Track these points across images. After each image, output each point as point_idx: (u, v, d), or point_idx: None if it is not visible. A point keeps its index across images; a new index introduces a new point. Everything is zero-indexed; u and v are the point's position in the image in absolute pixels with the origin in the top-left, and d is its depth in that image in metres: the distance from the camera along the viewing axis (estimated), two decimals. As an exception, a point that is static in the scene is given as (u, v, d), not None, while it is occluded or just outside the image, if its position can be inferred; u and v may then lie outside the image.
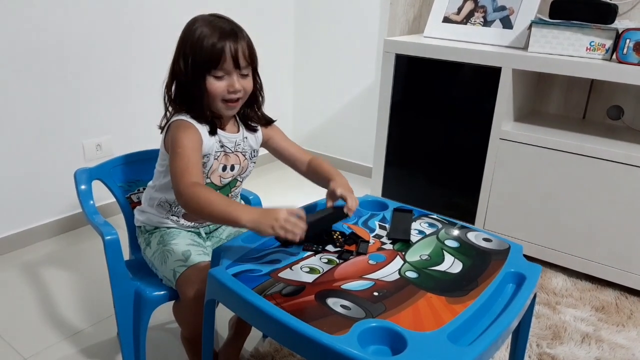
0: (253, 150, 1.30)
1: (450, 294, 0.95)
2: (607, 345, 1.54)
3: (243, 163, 1.28)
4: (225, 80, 1.15)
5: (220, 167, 1.23)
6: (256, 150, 1.31)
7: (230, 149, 1.24)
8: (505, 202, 1.94)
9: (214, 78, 1.14)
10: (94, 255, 1.92)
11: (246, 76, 1.18)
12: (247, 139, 1.28)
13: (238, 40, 1.14)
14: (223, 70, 1.14)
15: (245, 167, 1.29)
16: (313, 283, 0.96)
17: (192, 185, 1.06)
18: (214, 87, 1.15)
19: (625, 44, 1.65)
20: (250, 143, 1.29)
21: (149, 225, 1.30)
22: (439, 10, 2.16)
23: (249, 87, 1.20)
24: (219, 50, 1.12)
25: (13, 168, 1.91)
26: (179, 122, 1.17)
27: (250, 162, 1.31)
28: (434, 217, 1.26)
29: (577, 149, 1.76)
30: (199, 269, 1.16)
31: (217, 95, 1.16)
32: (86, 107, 2.07)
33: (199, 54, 1.13)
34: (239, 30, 1.16)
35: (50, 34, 1.90)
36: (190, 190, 1.05)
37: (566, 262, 1.88)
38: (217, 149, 1.21)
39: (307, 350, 0.84)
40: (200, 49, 1.12)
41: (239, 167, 1.27)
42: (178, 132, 1.15)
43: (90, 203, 1.31)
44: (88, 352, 1.46)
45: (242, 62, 1.15)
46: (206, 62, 1.13)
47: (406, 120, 2.13)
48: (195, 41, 1.13)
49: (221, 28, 1.13)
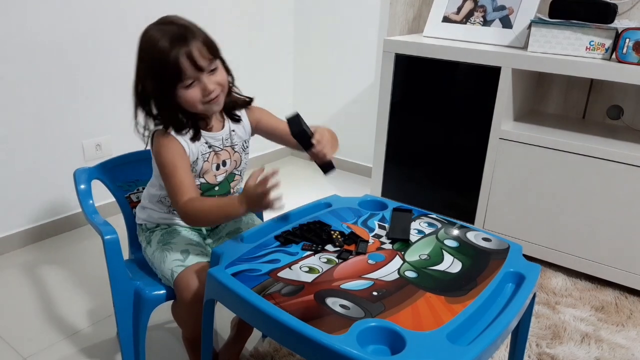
0: (244, 142, 1.30)
1: (450, 293, 0.95)
2: (607, 345, 1.54)
3: (234, 157, 1.28)
4: (196, 86, 1.12)
5: (213, 166, 1.24)
6: (247, 140, 1.31)
7: (218, 147, 1.24)
8: (504, 202, 1.94)
9: (184, 89, 1.12)
10: (94, 254, 1.92)
11: (215, 70, 1.15)
12: (235, 132, 1.27)
13: (192, 43, 1.10)
14: (189, 79, 1.11)
15: (238, 161, 1.29)
16: (312, 283, 0.96)
17: (185, 204, 1.12)
18: (189, 96, 1.13)
19: (624, 44, 1.65)
20: (240, 134, 1.28)
21: (150, 222, 1.31)
22: (438, 9, 2.16)
23: (222, 79, 1.17)
24: (177, 62, 1.08)
25: (13, 167, 1.91)
26: (159, 137, 1.17)
27: (243, 155, 1.30)
28: (434, 217, 1.26)
29: (576, 148, 1.75)
30: (197, 269, 1.16)
31: (195, 103, 1.14)
32: (86, 107, 2.07)
33: (159, 70, 1.10)
34: (189, 31, 1.11)
35: (50, 34, 1.89)
36: (185, 210, 1.12)
37: (566, 262, 1.88)
38: (204, 151, 1.21)
39: (306, 350, 0.84)
40: (160, 64, 1.09)
41: (231, 161, 1.27)
42: (160, 150, 1.16)
43: (89, 203, 1.31)
44: (87, 351, 1.46)
45: (203, 63, 1.11)
46: (170, 77, 1.10)
47: (406, 120, 2.13)
48: (152, 58, 1.11)
49: (172, 35, 1.09)
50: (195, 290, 1.14)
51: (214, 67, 1.15)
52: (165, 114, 1.16)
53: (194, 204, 1.12)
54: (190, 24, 1.14)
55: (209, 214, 1.12)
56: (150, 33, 1.12)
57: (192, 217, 1.13)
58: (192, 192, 1.14)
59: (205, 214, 1.12)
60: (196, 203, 1.12)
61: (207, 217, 1.13)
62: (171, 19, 1.15)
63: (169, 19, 1.15)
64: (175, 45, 1.08)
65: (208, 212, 1.11)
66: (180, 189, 1.13)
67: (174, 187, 1.14)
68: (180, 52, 1.08)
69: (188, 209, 1.12)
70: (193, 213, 1.12)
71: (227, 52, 1.20)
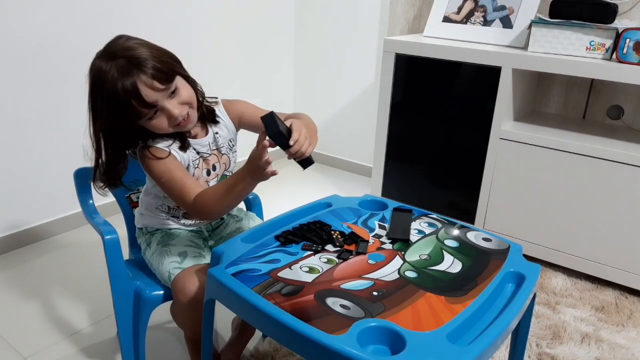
0: (229, 141, 1.28)
1: (450, 293, 0.95)
2: (607, 345, 1.53)
3: (222, 159, 1.27)
4: (160, 114, 1.08)
5: (204, 172, 1.23)
6: (233, 139, 1.29)
7: (206, 153, 1.23)
8: (505, 202, 1.94)
9: (148, 120, 1.08)
10: (94, 254, 1.92)
11: (176, 90, 1.09)
12: (219, 134, 1.25)
13: (140, 77, 1.02)
14: (150, 110, 1.06)
15: (227, 162, 1.28)
16: (312, 283, 0.96)
17: (195, 202, 1.09)
18: (157, 126, 1.09)
19: (625, 44, 1.65)
20: (223, 135, 1.26)
21: (150, 227, 1.30)
22: (439, 9, 2.16)
23: (187, 96, 1.11)
24: (129, 103, 1.03)
25: (13, 167, 1.91)
26: (144, 150, 1.13)
27: (231, 154, 1.29)
28: (434, 217, 1.26)
29: (577, 148, 1.75)
30: (194, 271, 1.16)
31: (165, 129, 1.10)
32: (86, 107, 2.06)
33: (116, 112, 1.05)
34: (135, 64, 1.03)
35: (51, 33, 1.89)
36: (197, 207, 1.10)
37: (566, 262, 1.88)
38: (193, 158, 1.20)
39: (306, 350, 0.84)
40: (114, 107, 1.04)
41: (219, 164, 1.26)
42: (150, 164, 1.13)
43: (89, 202, 1.31)
44: (87, 351, 1.46)
45: (159, 88, 1.04)
46: (129, 117, 1.06)
47: (406, 120, 2.13)
48: (104, 100, 1.05)
49: (118, 72, 1.02)
50: (192, 292, 1.13)
51: (174, 89, 1.08)
52: (137, 137, 1.13)
53: (203, 198, 1.08)
54: (137, 52, 1.05)
55: (222, 200, 1.07)
56: (96, 68, 1.06)
57: (206, 210, 1.09)
58: (196, 187, 1.11)
59: (218, 202, 1.07)
60: (205, 196, 1.08)
61: (221, 204, 1.08)
62: (117, 49, 1.06)
63: (114, 49, 1.06)
64: (123, 83, 1.02)
65: (220, 198, 1.07)
66: (184, 190, 1.10)
67: (177, 191, 1.11)
68: (130, 92, 1.02)
69: (199, 205, 1.09)
70: (206, 206, 1.08)
71: (227, 51, 1.20)
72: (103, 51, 1.08)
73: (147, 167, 1.16)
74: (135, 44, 1.07)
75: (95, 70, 1.06)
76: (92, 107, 1.10)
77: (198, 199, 1.09)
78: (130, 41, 1.08)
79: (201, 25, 2.35)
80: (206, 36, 2.41)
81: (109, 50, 1.07)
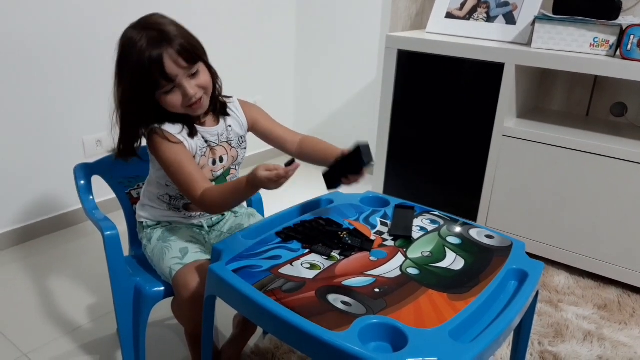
0: (240, 137, 1.29)
1: (452, 290, 0.94)
2: (609, 344, 1.53)
3: (231, 152, 1.27)
4: (176, 91, 1.11)
5: (210, 161, 1.23)
6: (243, 136, 1.30)
7: (214, 142, 1.23)
8: (507, 199, 1.93)
9: (164, 94, 1.11)
10: (94, 251, 1.92)
11: (197, 73, 1.13)
12: (232, 127, 1.26)
13: (168, 50, 1.07)
14: (169, 84, 1.09)
15: (235, 156, 1.28)
16: (314, 279, 0.95)
17: (202, 197, 1.11)
18: (169, 101, 1.12)
19: (629, 40, 1.63)
20: (236, 130, 1.27)
21: (151, 220, 1.30)
22: (441, 5, 2.15)
23: (205, 82, 1.14)
24: (152, 71, 1.06)
25: (14, 164, 1.91)
26: (154, 135, 1.15)
27: (240, 150, 1.30)
28: (436, 214, 1.25)
29: (580, 146, 1.74)
30: (195, 267, 1.16)
31: (176, 107, 1.13)
32: (87, 103, 2.06)
33: (137, 78, 1.08)
34: (167, 37, 1.08)
35: (50, 29, 1.89)
36: (203, 202, 1.12)
37: (569, 260, 1.88)
38: (201, 145, 1.20)
39: (307, 347, 0.83)
40: (136, 72, 1.07)
41: (228, 157, 1.26)
42: (160, 149, 1.15)
43: (89, 198, 1.30)
44: (88, 348, 1.46)
45: (182, 65, 1.09)
46: (147, 86, 1.08)
47: (408, 117, 2.12)
48: (129, 65, 1.09)
49: (148, 41, 1.06)
50: (193, 288, 1.13)
51: (195, 71, 1.12)
52: (151, 116, 1.15)
53: (211, 195, 1.11)
54: (169, 27, 1.10)
55: (227, 200, 1.11)
56: (127, 37, 1.10)
57: (211, 206, 1.13)
58: (204, 183, 1.13)
59: (224, 200, 1.11)
60: (213, 193, 1.11)
61: (226, 202, 1.13)
62: (150, 22, 1.11)
63: (148, 22, 1.11)
64: (151, 53, 1.06)
65: (226, 198, 1.11)
66: (192, 184, 1.12)
67: (185, 183, 1.13)
68: (155, 61, 1.06)
69: (206, 200, 1.11)
70: (212, 203, 1.12)
71: (227, 48, 1.20)
72: (137, 23, 1.12)
73: (156, 151, 1.16)
74: (169, 22, 1.12)
75: (125, 39, 1.10)
76: (118, 74, 1.14)
77: (205, 195, 1.11)
78: (164, 19, 1.13)
79: (202, 19, 2.34)
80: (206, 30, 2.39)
81: (142, 22, 1.12)
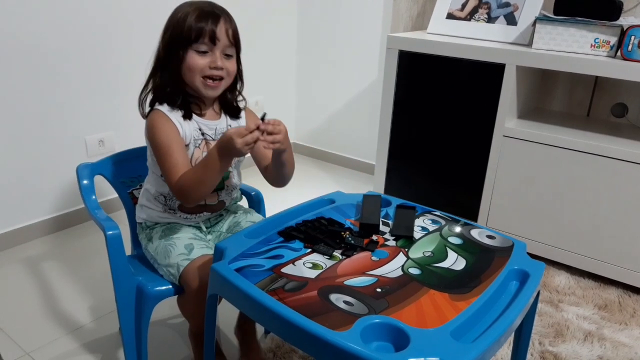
0: None
1: (454, 290, 0.94)
2: (610, 344, 1.53)
3: None
4: (208, 56, 1.14)
5: (204, 154, 1.22)
6: None
7: (210, 137, 1.23)
8: (508, 200, 1.94)
9: (195, 52, 1.13)
10: (97, 250, 1.92)
11: (230, 57, 1.17)
12: (232, 127, 1.25)
13: (222, 20, 1.14)
14: (206, 45, 1.13)
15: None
16: (316, 279, 0.96)
17: (177, 182, 1.12)
18: (195, 60, 1.13)
19: (630, 41, 1.64)
20: None
21: (150, 221, 1.30)
22: (442, 6, 2.15)
23: (232, 68, 1.18)
24: (201, 25, 1.11)
25: (16, 163, 1.91)
26: (153, 116, 1.17)
27: None
28: (437, 214, 1.25)
29: (581, 146, 1.75)
30: (202, 262, 1.16)
31: (197, 69, 1.14)
32: (89, 103, 2.07)
33: (179, 30, 1.12)
34: (224, 12, 1.16)
35: (53, 30, 1.89)
36: (179, 187, 1.12)
37: (569, 260, 1.88)
38: (196, 136, 1.20)
39: (309, 346, 0.84)
40: (182, 25, 1.12)
41: None
42: (154, 130, 1.15)
43: (92, 198, 1.30)
44: (90, 347, 1.46)
45: (225, 41, 1.14)
46: (187, 36, 1.12)
47: (409, 117, 2.13)
48: (177, 21, 1.13)
49: (204, 8, 1.14)
50: (202, 282, 1.13)
51: (231, 54, 1.17)
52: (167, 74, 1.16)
53: (185, 178, 1.11)
54: (226, 10, 1.18)
55: (201, 178, 1.10)
56: (180, 6, 1.16)
57: (187, 190, 1.12)
58: (184, 168, 1.14)
59: (197, 180, 1.10)
60: (187, 175, 1.12)
61: (201, 182, 1.11)
62: (210, 1, 1.18)
63: (208, 1, 1.18)
64: (206, 15, 1.12)
65: (199, 177, 1.10)
66: (174, 169, 1.13)
67: (169, 168, 1.14)
68: (209, 21, 1.11)
69: (180, 184, 1.12)
70: (187, 186, 1.11)
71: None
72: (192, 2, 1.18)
73: (149, 134, 1.17)
74: (224, 8, 1.19)
75: (178, 7, 1.17)
76: (162, 37, 1.17)
77: (180, 179, 1.12)
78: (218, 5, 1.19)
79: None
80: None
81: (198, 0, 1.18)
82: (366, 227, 1.14)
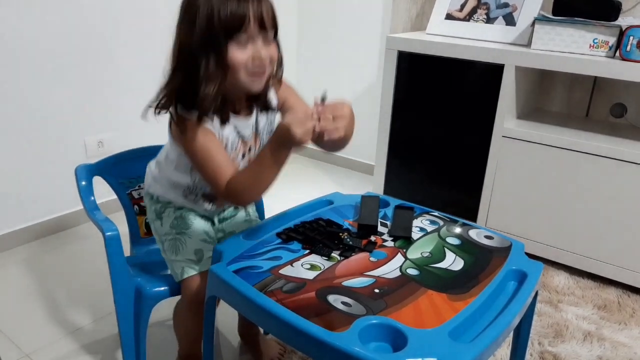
0: (272, 130, 1.16)
1: (452, 291, 0.94)
2: (609, 344, 1.53)
3: (257, 143, 1.16)
4: (249, 48, 0.97)
5: (240, 155, 1.13)
6: (272, 121, 1.18)
7: (248, 136, 1.12)
8: (507, 200, 1.94)
9: (236, 46, 0.96)
10: (95, 251, 1.92)
11: (270, 43, 1.01)
12: (261, 119, 1.15)
13: (262, 1, 0.96)
14: (247, 35, 0.95)
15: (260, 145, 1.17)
16: (314, 280, 0.96)
17: (227, 188, 1.01)
18: (238, 57, 0.96)
19: (628, 41, 1.64)
20: (269, 120, 1.17)
21: (162, 197, 1.22)
22: (441, 7, 2.15)
23: (274, 55, 1.03)
24: (242, 11, 0.93)
25: (15, 164, 1.91)
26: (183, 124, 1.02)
27: (266, 138, 1.17)
28: (436, 215, 1.25)
29: (579, 146, 1.75)
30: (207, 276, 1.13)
31: (241, 66, 0.97)
32: (88, 104, 2.07)
33: (213, 19, 0.93)
34: None
35: (52, 31, 1.89)
36: (229, 194, 1.01)
37: (568, 260, 1.88)
38: (233, 138, 1.09)
39: (307, 347, 0.84)
40: (219, 11, 0.92)
41: (255, 148, 1.16)
42: (187, 133, 1.02)
43: (90, 199, 1.30)
44: (89, 348, 1.46)
45: (268, 24, 0.97)
46: (226, 27, 0.93)
47: (408, 118, 2.13)
48: (210, 6, 0.93)
49: None
50: (200, 297, 1.09)
51: (271, 40, 1.01)
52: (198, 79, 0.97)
53: (237, 179, 1.00)
54: None
55: (258, 177, 0.97)
56: None
57: (242, 192, 1.00)
58: (230, 169, 1.01)
59: (254, 179, 0.98)
60: (238, 178, 1.00)
61: (258, 181, 0.98)
62: None
63: None
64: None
65: (255, 177, 0.97)
66: (219, 171, 1.00)
67: (212, 172, 1.01)
68: (248, 3, 0.93)
69: (232, 187, 1.00)
70: (240, 189, 1.00)
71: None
72: None
73: (182, 136, 1.03)
74: None
75: None
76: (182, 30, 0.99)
77: (229, 185, 1.00)
78: None
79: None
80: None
81: None
82: (364, 228, 1.14)
